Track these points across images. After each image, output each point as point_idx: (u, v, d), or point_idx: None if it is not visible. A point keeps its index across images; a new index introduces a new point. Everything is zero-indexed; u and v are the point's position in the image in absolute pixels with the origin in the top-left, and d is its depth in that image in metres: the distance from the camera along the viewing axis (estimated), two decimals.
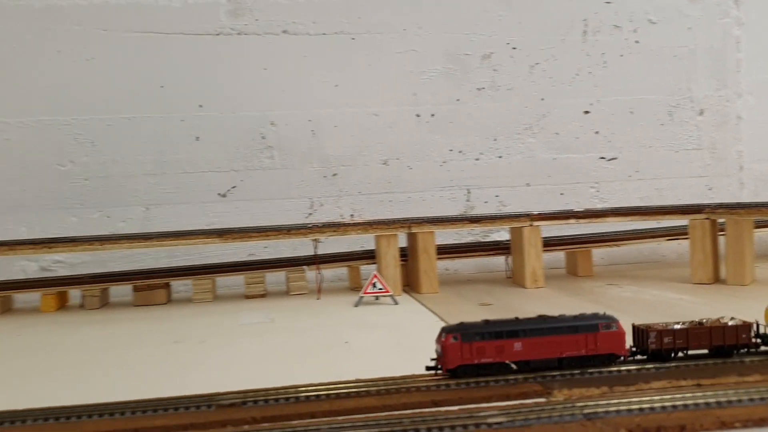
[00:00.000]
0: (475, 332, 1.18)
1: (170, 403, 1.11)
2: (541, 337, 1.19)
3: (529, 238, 2.34)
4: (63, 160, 2.61)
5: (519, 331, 1.19)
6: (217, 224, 2.63)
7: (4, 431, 1.03)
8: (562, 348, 1.19)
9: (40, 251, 2.21)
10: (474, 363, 1.17)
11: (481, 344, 1.17)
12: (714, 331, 1.22)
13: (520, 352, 1.18)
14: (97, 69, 2.61)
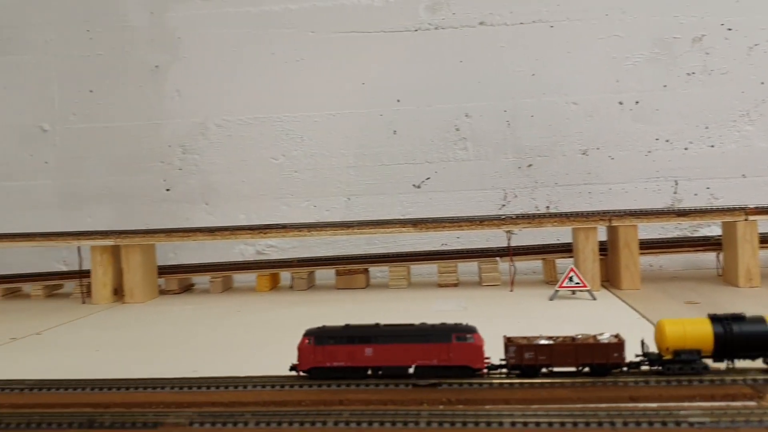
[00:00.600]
0: (329, 336, 1.18)
1: (371, 379, 1.18)
2: (393, 345, 1.16)
3: (744, 234, 2.15)
4: (276, 153, 2.83)
5: (371, 337, 1.17)
6: (411, 214, 2.72)
7: (255, 393, 1.15)
8: (414, 357, 1.16)
9: (257, 236, 2.42)
10: (326, 366, 1.17)
11: (333, 348, 1.17)
12: (581, 349, 1.13)
13: (371, 358, 1.17)
14: (306, 69, 2.80)
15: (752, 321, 1.11)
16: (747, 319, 1.12)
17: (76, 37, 2.90)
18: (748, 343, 1.10)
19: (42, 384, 1.25)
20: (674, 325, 1.12)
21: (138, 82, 2.88)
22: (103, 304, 2.34)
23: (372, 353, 1.17)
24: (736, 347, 1.10)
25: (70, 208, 2.93)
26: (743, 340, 1.10)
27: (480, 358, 1.16)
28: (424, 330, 1.18)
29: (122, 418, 1.04)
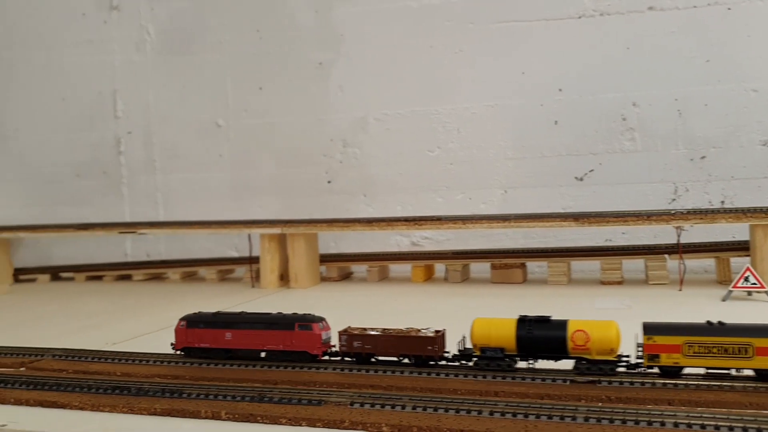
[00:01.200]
0: (200, 320, 1.39)
1: (526, 374, 1.17)
2: (248, 331, 1.35)
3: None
4: (432, 146, 2.85)
5: (232, 323, 1.37)
6: (572, 208, 2.64)
7: (412, 379, 1.18)
8: (264, 342, 1.34)
9: (412, 228, 2.46)
10: (195, 346, 1.38)
11: (201, 331, 1.38)
12: (402, 340, 1.25)
13: (230, 341, 1.36)
14: (464, 60, 2.80)
15: (554, 325, 1.18)
16: (551, 322, 1.18)
17: (248, 37, 3.08)
18: (546, 346, 1.17)
19: (219, 360, 1.35)
20: (482, 324, 1.22)
21: (303, 79, 3.01)
22: (271, 288, 2.48)
23: (231, 337, 1.36)
24: (536, 348, 1.18)
25: (242, 198, 3.13)
26: (542, 342, 1.17)
27: (317, 345, 1.32)
28: (274, 319, 1.37)
29: (289, 395, 1.10)
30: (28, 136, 3.43)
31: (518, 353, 1.19)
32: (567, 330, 1.16)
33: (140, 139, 3.26)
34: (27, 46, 3.41)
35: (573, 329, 1.16)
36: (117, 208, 3.29)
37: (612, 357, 1.14)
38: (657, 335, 1.12)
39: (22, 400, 1.19)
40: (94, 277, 3.00)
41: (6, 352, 1.50)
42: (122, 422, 1.08)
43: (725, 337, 1.08)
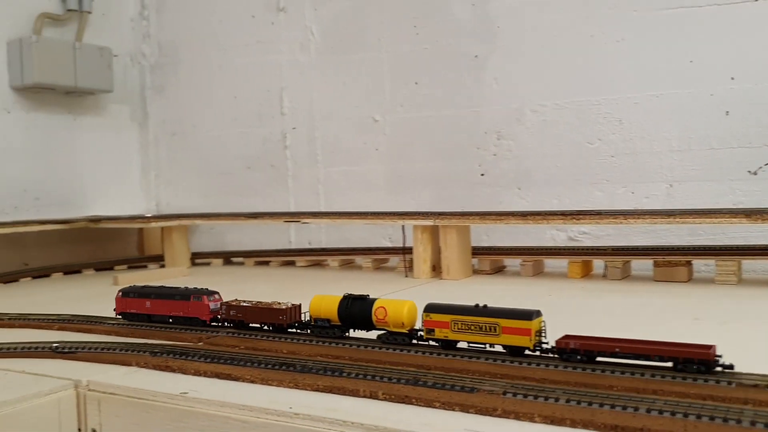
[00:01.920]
0: (130, 292, 1.75)
1: (688, 374, 1.12)
2: (160, 300, 1.69)
3: None
4: (592, 138, 2.78)
5: (150, 294, 1.72)
6: (744, 203, 2.47)
7: (565, 374, 1.19)
8: (170, 309, 1.68)
9: (569, 222, 2.41)
10: (128, 312, 1.75)
11: (130, 300, 1.74)
12: (262, 311, 1.54)
13: (149, 308, 1.71)
14: (626, 49, 2.70)
15: (365, 302, 1.45)
16: (365, 300, 1.46)
17: (405, 34, 3.16)
18: (358, 318, 1.44)
19: (374, 343, 1.42)
20: (317, 300, 1.51)
21: (458, 72, 3.04)
22: (423, 278, 2.53)
23: (149, 305, 1.72)
24: (352, 320, 1.46)
25: (396, 190, 3.22)
26: (355, 315, 1.44)
27: (206, 313, 1.64)
28: (178, 291, 1.70)
29: (443, 380, 1.14)
30: (204, 132, 3.73)
31: (340, 324, 1.47)
32: (372, 306, 1.42)
33: (304, 134, 3.44)
34: (204, 48, 3.70)
35: (376, 306, 1.42)
36: (283, 199, 3.50)
37: (404, 330, 1.38)
38: (433, 313, 1.33)
39: (200, 371, 1.32)
40: (261, 262, 3.21)
41: (187, 328, 1.66)
42: (288, 396, 1.16)
43: (481, 317, 1.28)
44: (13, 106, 3.27)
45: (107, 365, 1.39)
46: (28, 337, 1.62)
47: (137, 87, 3.87)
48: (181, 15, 3.77)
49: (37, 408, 1.23)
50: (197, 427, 1.15)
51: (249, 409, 1.12)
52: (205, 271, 3.10)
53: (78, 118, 3.56)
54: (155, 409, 1.20)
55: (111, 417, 1.25)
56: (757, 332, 1.56)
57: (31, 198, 3.33)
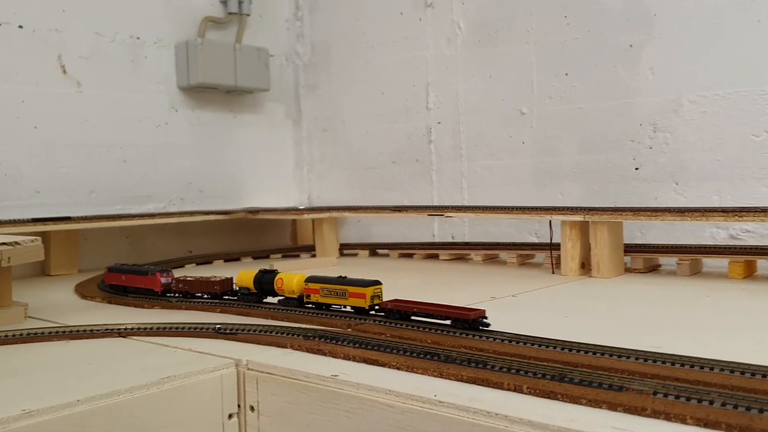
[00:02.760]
0: (114, 269, 2.23)
1: None
2: (132, 275, 2.16)
3: None
4: (758, 129, 2.59)
5: (126, 271, 2.18)
6: None
7: (722, 377, 1.14)
8: (136, 282, 2.14)
9: (730, 219, 2.26)
10: (111, 283, 2.25)
11: (112, 275, 2.23)
12: (202, 284, 2.01)
13: (124, 281, 2.18)
14: None
15: (272, 275, 1.88)
16: (272, 273, 1.88)
17: (555, 25, 3.09)
18: (268, 288, 1.88)
19: (518, 338, 1.42)
20: (241, 274, 1.94)
21: (611, 62, 2.94)
22: (571, 275, 2.48)
23: (124, 279, 2.18)
24: (263, 289, 1.89)
25: (543, 185, 3.16)
26: (265, 285, 1.88)
27: (158, 285, 2.08)
28: (142, 269, 2.15)
29: (590, 378, 1.12)
30: (353, 127, 3.85)
31: (256, 292, 1.90)
32: (274, 278, 1.85)
33: (449, 129, 3.47)
34: (354, 46, 3.82)
35: (277, 278, 1.85)
36: (427, 193, 3.55)
37: (295, 296, 1.81)
38: (310, 283, 1.78)
39: (349, 356, 1.38)
40: (405, 254, 3.28)
41: (337, 314, 1.73)
42: (433, 384, 1.19)
43: (337, 285, 1.72)
44: (180, 105, 3.54)
45: (264, 346, 1.49)
46: (194, 319, 1.76)
47: (291, 85, 4.07)
48: (332, 14, 3.92)
49: (202, 383, 1.34)
50: (346, 408, 1.21)
51: (395, 394, 1.16)
52: (352, 261, 3.21)
53: (237, 115, 3.80)
54: (308, 390, 1.27)
55: (267, 395, 1.34)
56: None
57: (195, 190, 3.60)
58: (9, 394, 1.23)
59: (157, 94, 3.45)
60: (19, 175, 3.00)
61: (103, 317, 1.88)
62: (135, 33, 3.37)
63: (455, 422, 1.07)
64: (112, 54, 3.30)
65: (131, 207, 3.35)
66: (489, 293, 2.13)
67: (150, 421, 1.25)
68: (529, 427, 1.00)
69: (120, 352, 1.53)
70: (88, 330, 1.68)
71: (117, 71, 3.31)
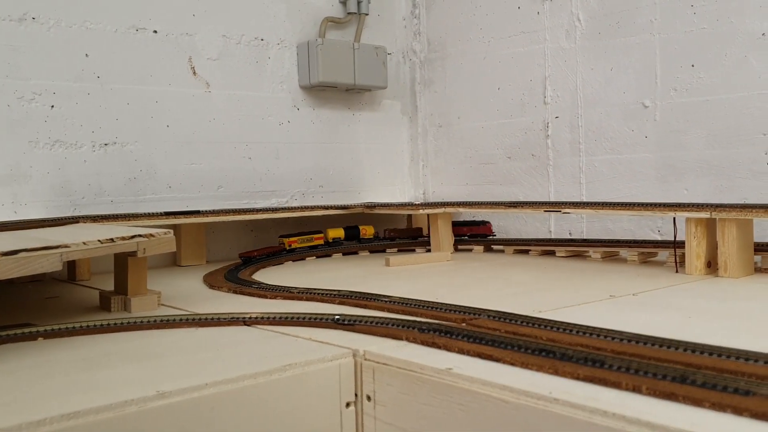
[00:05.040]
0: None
1: None
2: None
3: None
4: None
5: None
6: None
7: None
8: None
9: None
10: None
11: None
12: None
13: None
14: None
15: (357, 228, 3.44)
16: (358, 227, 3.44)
17: (680, 14, 2.96)
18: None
19: (639, 338, 1.39)
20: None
21: (743, 52, 2.78)
22: (696, 275, 2.38)
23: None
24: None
25: (667, 180, 3.04)
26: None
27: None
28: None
29: (714, 380, 1.08)
30: (468, 122, 3.85)
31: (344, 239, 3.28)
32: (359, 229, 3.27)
33: (567, 123, 3.40)
34: (470, 41, 3.82)
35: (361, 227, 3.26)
36: (543, 188, 3.50)
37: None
38: (284, 238, 3.12)
39: (464, 350, 1.39)
40: (520, 250, 3.25)
41: (450, 308, 1.76)
42: (548, 381, 1.19)
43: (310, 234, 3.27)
44: (302, 103, 3.67)
45: (381, 338, 1.53)
46: (313, 309, 1.83)
47: (408, 82, 4.12)
48: (448, 10, 3.93)
49: (321, 372, 1.39)
50: (460, 401, 1.23)
51: (509, 389, 1.17)
52: (466, 257, 3.21)
53: (356, 113, 3.89)
54: (423, 382, 1.30)
55: (383, 385, 1.38)
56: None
57: (315, 185, 3.72)
58: (145, 375, 1.33)
59: (280, 93, 3.60)
60: (153, 171, 3.21)
61: (229, 306, 1.99)
62: (259, 35, 3.53)
63: (570, 420, 1.07)
64: (238, 55, 3.46)
65: (256, 201, 3.51)
66: (608, 291, 2.08)
67: (272, 405, 1.32)
68: (647, 429, 0.98)
69: (245, 339, 1.62)
70: (216, 318, 1.78)
71: (242, 72, 3.48)
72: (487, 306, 1.76)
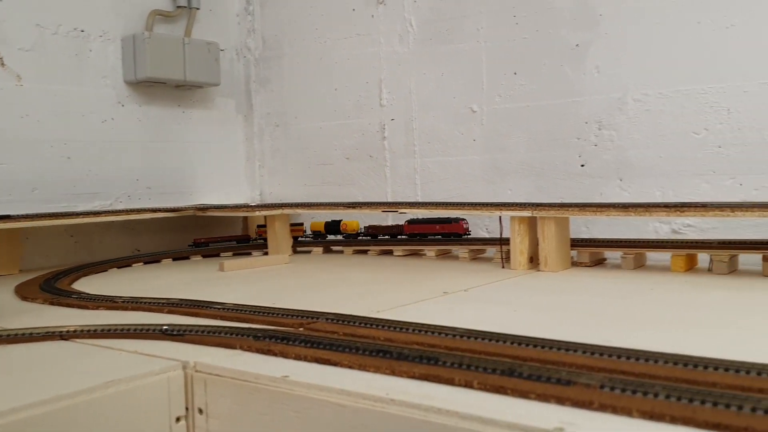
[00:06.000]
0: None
1: None
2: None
3: None
4: (698, 127, 2.67)
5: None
6: None
7: (667, 369, 1.17)
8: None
9: (672, 214, 2.33)
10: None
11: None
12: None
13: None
14: (737, 36, 2.57)
15: (338, 221, 3.36)
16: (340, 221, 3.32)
17: (504, 23, 3.13)
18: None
19: (470, 333, 1.43)
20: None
21: (558, 61, 2.98)
22: (520, 269, 2.52)
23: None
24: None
25: (493, 181, 3.20)
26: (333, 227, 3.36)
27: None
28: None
29: (538, 372, 1.14)
30: (306, 122, 3.83)
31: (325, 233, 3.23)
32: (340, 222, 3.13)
33: (402, 126, 3.48)
34: (306, 41, 3.80)
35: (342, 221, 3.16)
36: (381, 189, 3.55)
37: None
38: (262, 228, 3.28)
39: (301, 356, 1.37)
40: (360, 251, 3.27)
41: (287, 313, 1.72)
42: (386, 382, 1.19)
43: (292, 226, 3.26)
44: (127, 99, 3.47)
45: (213, 347, 1.47)
46: (140, 320, 1.72)
47: (242, 80, 4.02)
48: (284, 9, 3.88)
49: (149, 386, 1.31)
50: (297, 409, 1.20)
51: (347, 393, 1.16)
52: (305, 258, 3.19)
53: (187, 110, 3.73)
54: (258, 391, 1.26)
55: (216, 397, 1.32)
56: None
57: (143, 187, 3.53)
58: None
59: (103, 88, 3.37)
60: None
61: (45, 319, 1.83)
62: (79, 26, 3.28)
63: (407, 420, 1.08)
64: (55, 47, 3.20)
65: (76, 205, 3.26)
66: (442, 288, 2.14)
67: (94, 426, 1.22)
68: (478, 423, 1.01)
69: (62, 355, 1.49)
70: (27, 333, 1.62)
71: (60, 65, 3.22)
72: (326, 309, 1.75)
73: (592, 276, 2.39)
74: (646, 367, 1.17)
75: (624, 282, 2.25)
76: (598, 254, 2.68)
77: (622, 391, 1.04)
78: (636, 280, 2.27)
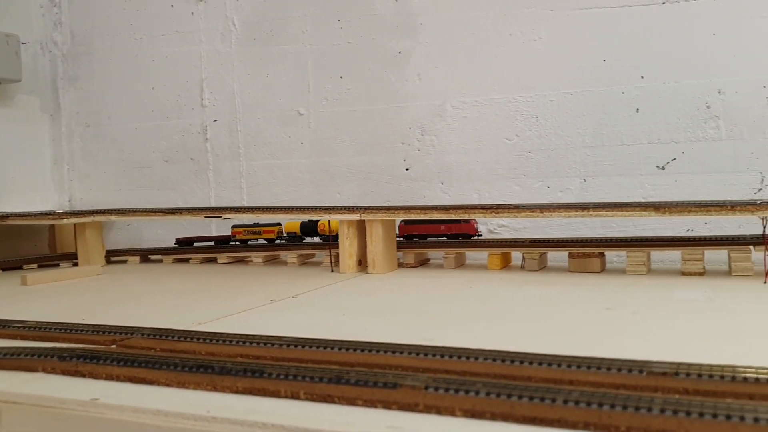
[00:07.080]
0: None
1: (603, 363, 1.16)
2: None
3: None
4: (510, 134, 2.84)
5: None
6: (653, 197, 2.58)
7: (486, 365, 1.20)
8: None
9: (489, 215, 2.45)
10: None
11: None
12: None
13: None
14: (543, 48, 2.76)
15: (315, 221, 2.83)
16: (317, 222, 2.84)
17: (329, 28, 3.14)
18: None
19: (297, 341, 1.40)
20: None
21: (382, 67, 3.04)
22: (349, 273, 2.53)
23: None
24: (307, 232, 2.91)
25: (322, 184, 3.20)
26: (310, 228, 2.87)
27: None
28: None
29: (365, 377, 1.13)
30: (120, 123, 3.60)
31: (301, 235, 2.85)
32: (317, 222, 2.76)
33: (226, 127, 3.38)
34: (120, 38, 3.57)
35: (320, 222, 2.76)
36: (203, 193, 3.42)
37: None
38: (237, 228, 2.93)
39: (113, 375, 1.27)
40: (181, 259, 3.13)
41: (98, 330, 1.60)
42: (206, 399, 1.14)
43: (260, 227, 2.89)
44: None
45: (10, 372, 1.32)
46: None
47: (48, 77, 3.71)
48: (95, 3, 3.63)
49: None
50: None
51: (164, 414, 1.08)
52: (120, 269, 3.00)
53: None
54: (64, 418, 1.15)
55: (15, 427, 1.19)
56: (666, 320, 1.62)
57: None
58: None
59: None
60: None
61: None
62: None
63: None
64: None
65: None
66: (269, 296, 2.10)
67: None
68: None
69: None
70: None
71: None
72: (142, 323, 1.64)
73: (417, 276, 2.46)
74: (468, 364, 1.20)
75: (446, 281, 2.34)
76: (423, 255, 2.76)
77: (446, 391, 1.06)
78: (457, 279, 2.37)
